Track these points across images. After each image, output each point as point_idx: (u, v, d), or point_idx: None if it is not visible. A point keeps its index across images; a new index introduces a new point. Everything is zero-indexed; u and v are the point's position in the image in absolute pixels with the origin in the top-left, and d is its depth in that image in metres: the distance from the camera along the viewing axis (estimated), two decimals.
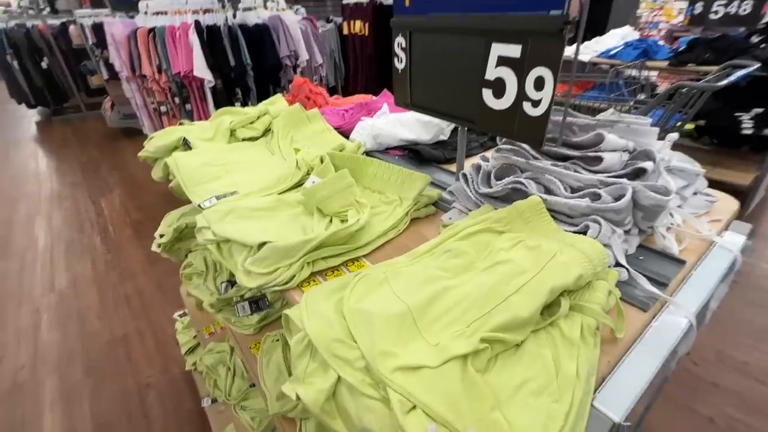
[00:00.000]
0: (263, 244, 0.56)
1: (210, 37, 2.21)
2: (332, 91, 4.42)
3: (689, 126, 2.54)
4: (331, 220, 0.65)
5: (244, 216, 0.66)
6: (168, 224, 1.13)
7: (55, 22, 5.21)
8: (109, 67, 4.10)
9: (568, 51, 0.43)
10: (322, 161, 0.75)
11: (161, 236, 1.06)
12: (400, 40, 0.67)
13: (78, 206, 2.97)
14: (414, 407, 0.33)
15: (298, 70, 2.67)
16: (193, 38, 2.15)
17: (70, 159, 3.99)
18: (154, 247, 1.11)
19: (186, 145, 0.95)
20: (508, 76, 0.50)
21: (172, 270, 2.15)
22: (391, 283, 0.49)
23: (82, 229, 2.65)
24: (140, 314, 1.88)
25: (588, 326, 0.40)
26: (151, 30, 2.19)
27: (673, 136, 0.62)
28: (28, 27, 5.01)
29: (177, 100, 2.34)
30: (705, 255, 0.55)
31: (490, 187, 0.62)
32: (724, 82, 1.31)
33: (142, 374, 1.57)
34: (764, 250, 2.09)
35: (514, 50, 0.48)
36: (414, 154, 0.93)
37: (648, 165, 0.55)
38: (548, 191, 0.58)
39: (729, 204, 0.66)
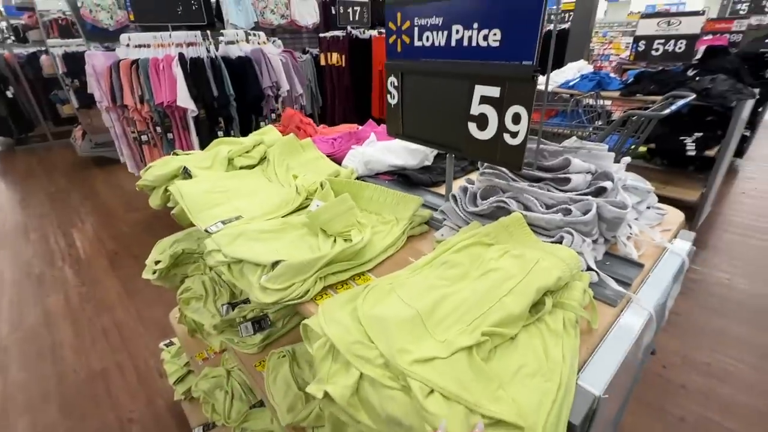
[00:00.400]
0: (277, 262, 0.62)
1: (193, 69, 2.27)
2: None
3: (642, 149, 2.79)
4: (335, 240, 0.71)
5: (253, 238, 0.71)
6: (161, 251, 1.15)
7: (22, 51, 5.12)
8: (80, 96, 4.07)
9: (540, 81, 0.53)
10: (322, 187, 0.82)
11: (156, 263, 1.08)
12: (392, 80, 0.76)
13: (47, 238, 2.86)
14: (432, 391, 0.39)
15: (280, 99, 2.76)
16: (177, 70, 2.21)
17: (36, 190, 3.85)
18: (146, 275, 1.12)
19: (186, 173, 0.99)
20: (490, 112, 0.60)
21: (152, 300, 2.10)
22: (398, 292, 0.55)
23: (52, 262, 2.55)
24: (119, 347, 1.82)
25: (569, 320, 0.47)
26: (134, 62, 2.23)
27: (626, 159, 0.73)
28: None
29: (159, 129, 2.36)
30: (659, 259, 0.65)
31: (477, 206, 0.70)
32: (667, 111, 1.49)
33: (123, 409, 1.51)
34: (714, 259, 2.29)
35: (494, 91, 0.58)
36: (403, 178, 1.01)
37: (608, 184, 0.65)
38: (527, 208, 0.67)
39: (676, 216, 0.77)
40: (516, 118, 0.57)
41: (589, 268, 0.59)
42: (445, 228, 0.74)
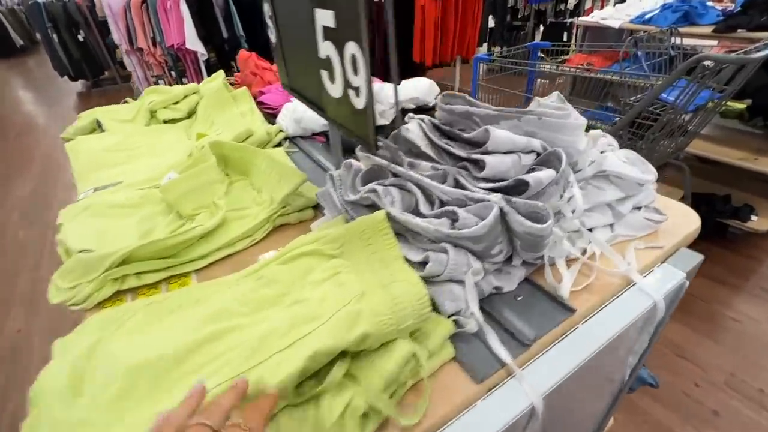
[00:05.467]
0: (83, 252, 0.49)
1: (201, 7, 2.13)
2: None
3: (739, 106, 2.16)
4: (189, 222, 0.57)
5: (98, 213, 0.59)
6: None
7: None
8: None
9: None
10: (201, 151, 0.66)
11: None
12: (267, 8, 0.55)
13: None
14: None
15: None
16: (184, 8, 2.08)
17: None
18: None
19: (100, 127, 0.89)
20: (333, 54, 0.38)
21: None
22: (183, 311, 0.40)
23: None
24: None
25: (353, 409, 0.29)
26: (144, 1, 2.15)
27: (596, 132, 0.46)
28: (65, 0, 5.19)
29: (173, 73, 2.32)
30: (612, 300, 0.41)
31: (357, 193, 0.50)
32: (761, 53, 1.04)
33: None
34: None
35: (330, 18, 0.36)
36: None
37: (537, 177, 0.41)
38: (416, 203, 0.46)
39: (681, 224, 0.49)
40: (353, 63, 0.34)
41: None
42: (325, 218, 0.55)
